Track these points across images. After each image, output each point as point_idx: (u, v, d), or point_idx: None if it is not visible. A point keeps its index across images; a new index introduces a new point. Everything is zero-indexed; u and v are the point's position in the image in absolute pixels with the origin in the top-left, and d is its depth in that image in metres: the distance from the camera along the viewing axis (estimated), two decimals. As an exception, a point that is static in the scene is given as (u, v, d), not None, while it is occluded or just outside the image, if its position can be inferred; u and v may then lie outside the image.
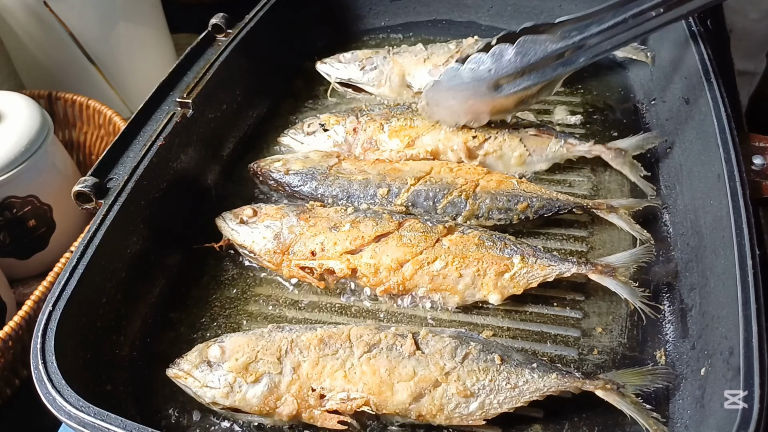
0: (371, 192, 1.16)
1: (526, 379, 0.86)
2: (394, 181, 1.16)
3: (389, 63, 1.46)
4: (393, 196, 1.15)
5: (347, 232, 1.05)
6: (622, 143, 1.23)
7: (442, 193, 1.14)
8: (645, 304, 0.96)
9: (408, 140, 1.25)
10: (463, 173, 1.18)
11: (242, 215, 1.11)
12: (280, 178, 1.20)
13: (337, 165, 1.21)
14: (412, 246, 1.02)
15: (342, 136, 1.29)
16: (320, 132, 1.31)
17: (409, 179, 1.16)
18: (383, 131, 1.27)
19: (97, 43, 1.56)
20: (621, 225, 1.10)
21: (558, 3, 1.58)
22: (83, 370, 0.86)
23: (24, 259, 1.32)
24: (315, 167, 1.20)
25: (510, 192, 1.14)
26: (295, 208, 1.11)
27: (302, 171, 1.20)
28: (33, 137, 1.22)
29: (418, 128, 1.26)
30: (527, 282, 1.00)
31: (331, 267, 1.04)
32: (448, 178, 1.16)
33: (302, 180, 1.19)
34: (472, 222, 1.13)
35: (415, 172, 1.18)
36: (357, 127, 1.29)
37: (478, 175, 1.17)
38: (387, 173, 1.18)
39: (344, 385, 0.87)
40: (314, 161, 1.22)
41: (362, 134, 1.28)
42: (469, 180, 1.16)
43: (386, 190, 1.15)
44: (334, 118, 1.32)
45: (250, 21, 1.37)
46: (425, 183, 1.15)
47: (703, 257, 0.96)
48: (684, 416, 0.85)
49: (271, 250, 1.07)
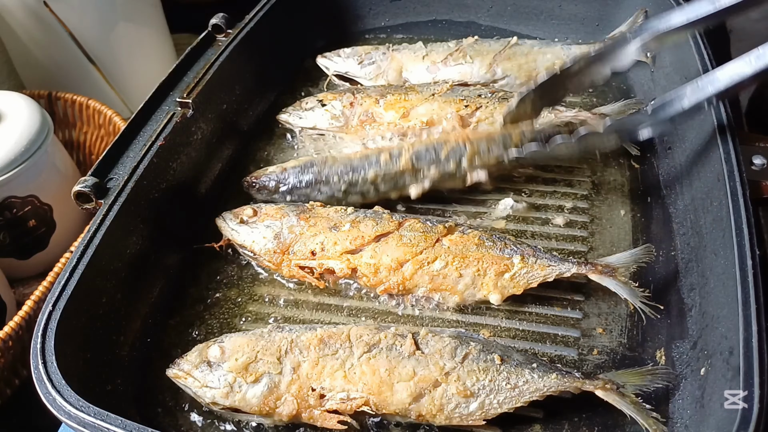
0: (373, 160, 1.17)
1: (526, 379, 0.86)
2: (392, 150, 1.18)
3: (388, 58, 1.48)
4: (395, 159, 1.16)
5: (347, 231, 1.05)
6: (604, 108, 1.28)
7: (441, 145, 1.17)
8: (645, 304, 0.96)
9: (403, 111, 1.29)
10: (452, 137, 1.21)
11: (242, 215, 1.11)
12: (278, 177, 1.19)
13: (329, 156, 1.22)
14: (412, 246, 1.02)
15: (339, 110, 1.32)
16: (318, 107, 1.34)
17: (405, 146, 1.18)
18: (379, 105, 1.31)
19: (97, 43, 1.57)
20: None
21: (558, 3, 1.58)
22: (83, 370, 0.86)
23: (24, 259, 1.32)
24: (311, 159, 1.21)
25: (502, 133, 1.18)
26: (295, 208, 1.11)
27: (299, 165, 1.20)
28: (33, 137, 1.23)
29: (413, 100, 1.31)
30: (527, 282, 1.00)
31: (331, 267, 1.04)
32: (441, 139, 1.20)
33: (302, 169, 1.19)
34: (476, 161, 1.16)
35: (407, 144, 1.20)
36: (354, 102, 1.32)
37: (467, 133, 1.21)
38: (381, 150, 1.20)
39: (344, 385, 0.87)
40: (307, 158, 1.23)
41: (359, 108, 1.32)
42: (461, 136, 1.20)
43: (387, 155, 1.17)
44: (331, 95, 1.36)
45: (250, 21, 1.37)
46: (421, 144, 1.19)
47: (703, 257, 0.96)
48: (684, 416, 0.84)
49: (271, 249, 1.07)
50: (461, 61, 1.45)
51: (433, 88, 1.35)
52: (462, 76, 1.45)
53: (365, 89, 1.38)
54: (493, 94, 1.33)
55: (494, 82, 1.45)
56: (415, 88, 1.36)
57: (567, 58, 1.46)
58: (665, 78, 1.34)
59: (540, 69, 1.45)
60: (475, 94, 1.33)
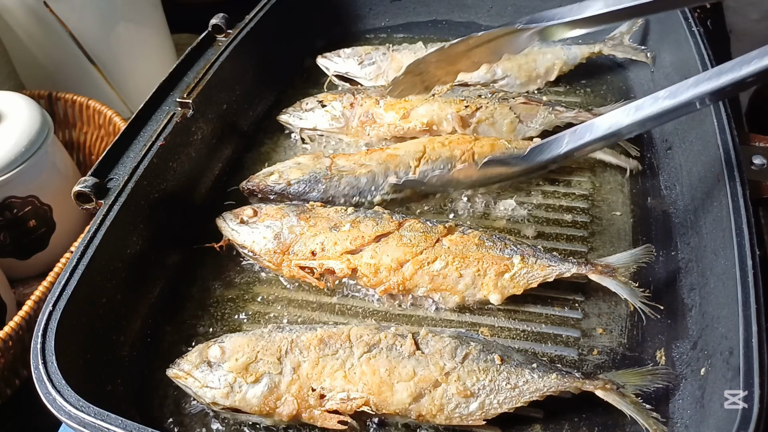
0: (380, 182, 1.17)
1: (526, 380, 0.86)
2: (398, 168, 1.19)
3: (388, 59, 1.48)
4: (404, 184, 1.17)
5: (347, 232, 1.05)
6: (604, 110, 1.28)
7: (448, 168, 1.17)
8: (645, 303, 0.96)
9: (403, 112, 1.30)
10: (455, 144, 1.22)
11: (243, 215, 1.11)
12: (283, 191, 1.18)
13: (333, 164, 1.21)
14: (412, 246, 1.03)
15: (339, 111, 1.32)
16: (318, 108, 1.34)
17: (411, 162, 1.19)
18: (379, 106, 1.32)
19: (97, 43, 1.56)
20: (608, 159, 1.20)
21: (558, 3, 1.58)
22: (83, 370, 0.86)
23: (24, 259, 1.32)
24: (314, 171, 1.19)
25: (504, 152, 1.19)
26: (296, 208, 1.11)
27: (303, 179, 1.18)
28: (33, 137, 1.22)
29: (413, 101, 1.31)
30: (527, 282, 1.00)
31: (331, 267, 1.04)
32: (445, 152, 1.20)
33: (308, 186, 1.17)
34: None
35: (412, 153, 1.20)
36: (354, 102, 1.33)
37: (470, 143, 1.21)
38: (386, 161, 1.20)
39: (344, 385, 0.87)
40: (308, 166, 1.20)
41: (359, 108, 1.32)
42: (465, 150, 1.20)
43: (394, 177, 1.17)
44: (332, 96, 1.36)
45: (250, 21, 1.37)
46: (427, 162, 1.19)
47: (703, 257, 0.96)
48: (684, 416, 0.84)
49: (271, 250, 1.07)
50: (461, 61, 1.45)
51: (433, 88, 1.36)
52: (462, 76, 1.45)
53: (365, 90, 1.38)
54: (493, 94, 1.34)
55: (494, 82, 1.45)
56: None
57: (567, 58, 1.46)
58: (665, 78, 1.34)
59: (540, 69, 1.46)
60: (475, 94, 1.34)
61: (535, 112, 1.29)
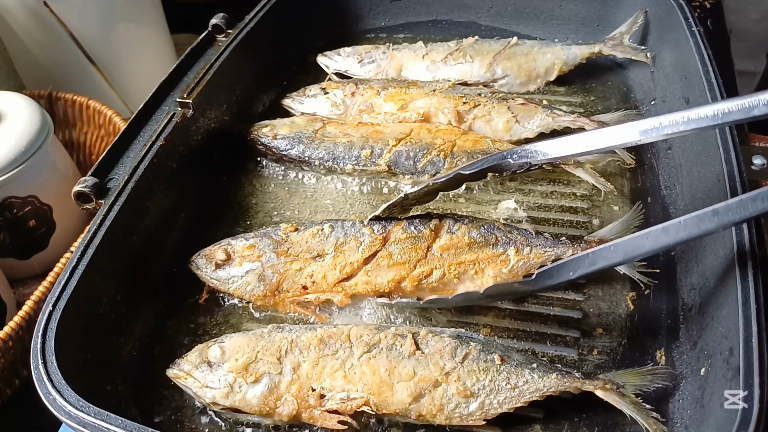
0: (355, 153, 1.22)
1: (526, 380, 0.86)
2: (377, 143, 1.22)
3: (387, 57, 1.50)
4: (376, 156, 1.21)
5: (333, 259, 1.01)
6: (603, 117, 1.29)
7: (422, 153, 1.20)
8: (641, 273, 0.99)
9: (402, 103, 1.32)
10: (442, 134, 1.24)
11: (216, 259, 1.04)
12: (269, 143, 1.26)
13: (322, 129, 1.27)
14: (404, 263, 1.00)
15: (340, 98, 1.36)
16: (321, 95, 1.38)
17: (391, 140, 1.22)
18: (379, 96, 1.35)
19: (97, 43, 1.56)
20: (586, 178, 1.19)
21: (558, 3, 1.58)
22: (83, 370, 0.86)
23: (24, 259, 1.31)
24: (301, 131, 1.26)
25: (485, 150, 1.20)
26: (269, 241, 1.04)
27: (289, 135, 1.26)
28: (33, 137, 1.22)
29: (413, 94, 1.33)
30: (526, 271, 1.00)
31: (328, 298, 1.01)
32: (428, 138, 1.23)
33: (289, 144, 1.25)
34: None
35: (396, 133, 1.24)
36: (355, 92, 1.36)
37: (455, 135, 1.23)
38: (370, 135, 1.24)
39: (344, 385, 0.87)
40: (300, 126, 1.28)
41: (359, 97, 1.35)
42: (447, 140, 1.22)
43: (369, 151, 1.21)
44: (335, 84, 1.40)
45: (250, 21, 1.37)
46: (406, 144, 1.22)
47: (703, 257, 0.96)
48: (684, 416, 0.84)
49: (260, 294, 1.02)
50: (461, 60, 1.46)
51: (435, 84, 1.36)
52: (462, 75, 1.45)
53: (368, 81, 1.40)
54: (493, 94, 1.34)
55: (494, 82, 1.45)
56: (417, 83, 1.38)
57: (567, 58, 1.46)
58: (665, 78, 1.34)
59: (540, 69, 1.46)
60: (476, 93, 1.34)
61: (533, 113, 1.29)
